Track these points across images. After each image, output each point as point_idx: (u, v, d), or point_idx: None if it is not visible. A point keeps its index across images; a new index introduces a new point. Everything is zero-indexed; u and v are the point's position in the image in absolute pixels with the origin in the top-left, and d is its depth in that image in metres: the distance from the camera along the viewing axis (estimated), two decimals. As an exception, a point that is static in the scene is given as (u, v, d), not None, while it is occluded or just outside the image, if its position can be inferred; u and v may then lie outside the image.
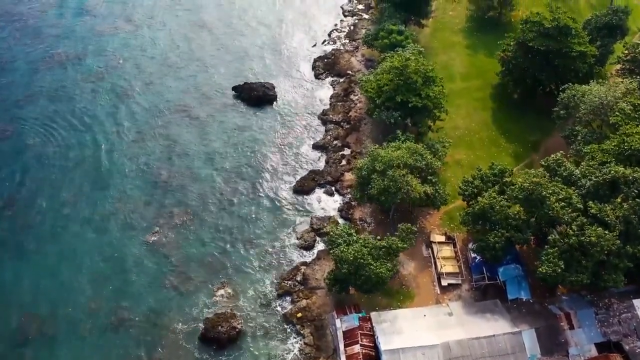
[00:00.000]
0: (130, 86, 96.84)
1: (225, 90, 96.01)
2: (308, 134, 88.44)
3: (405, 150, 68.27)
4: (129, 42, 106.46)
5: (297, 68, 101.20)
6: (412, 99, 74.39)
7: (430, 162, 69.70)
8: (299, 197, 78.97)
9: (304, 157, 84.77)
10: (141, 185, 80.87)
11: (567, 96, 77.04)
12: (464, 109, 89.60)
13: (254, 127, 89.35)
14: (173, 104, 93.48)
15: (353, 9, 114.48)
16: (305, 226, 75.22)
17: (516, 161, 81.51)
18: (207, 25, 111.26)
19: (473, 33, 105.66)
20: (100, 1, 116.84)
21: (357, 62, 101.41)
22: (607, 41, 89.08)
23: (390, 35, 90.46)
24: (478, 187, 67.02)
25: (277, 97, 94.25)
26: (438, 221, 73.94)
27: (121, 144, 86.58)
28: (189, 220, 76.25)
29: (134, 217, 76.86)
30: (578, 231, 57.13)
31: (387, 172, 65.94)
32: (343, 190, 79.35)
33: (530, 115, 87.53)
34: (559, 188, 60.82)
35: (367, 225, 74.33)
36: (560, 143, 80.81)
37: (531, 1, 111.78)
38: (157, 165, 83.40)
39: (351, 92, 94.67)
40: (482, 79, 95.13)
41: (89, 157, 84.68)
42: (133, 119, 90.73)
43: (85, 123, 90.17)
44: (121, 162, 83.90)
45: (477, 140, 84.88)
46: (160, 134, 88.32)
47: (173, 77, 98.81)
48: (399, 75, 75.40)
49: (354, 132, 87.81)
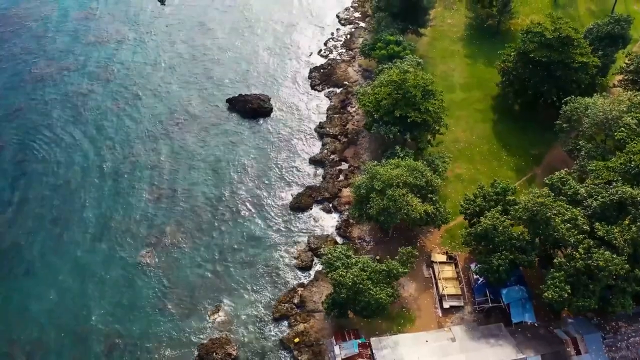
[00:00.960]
0: (121, 100, 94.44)
1: (219, 103, 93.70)
2: (304, 148, 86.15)
3: (404, 168, 66.17)
4: (119, 53, 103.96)
5: (292, 79, 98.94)
6: (411, 113, 72.29)
7: (431, 180, 67.63)
8: (295, 215, 76.73)
9: (301, 173, 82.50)
10: (133, 202, 78.53)
11: (570, 109, 75.16)
12: (464, 120, 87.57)
13: (249, 141, 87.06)
14: (165, 117, 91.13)
15: (349, 17, 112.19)
16: (302, 245, 73.03)
17: (518, 175, 79.56)
18: (200, 36, 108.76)
19: (472, 42, 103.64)
20: (91, 11, 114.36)
21: (354, 72, 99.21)
22: (609, 51, 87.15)
23: (387, 45, 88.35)
24: (480, 205, 64.94)
25: (272, 109, 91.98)
26: (439, 239, 71.85)
27: (112, 161, 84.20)
28: (181, 239, 74.08)
29: (125, 236, 74.66)
30: (585, 254, 55.07)
31: (387, 192, 63.85)
32: (341, 207, 77.14)
33: (532, 128, 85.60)
34: (564, 208, 58.76)
35: (366, 244, 72.18)
36: (562, 156, 79.10)
37: (530, 9, 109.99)
38: (149, 182, 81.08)
39: (348, 104, 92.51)
40: (482, 90, 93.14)
41: (78, 174, 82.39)
42: (124, 134, 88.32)
43: (76, 138, 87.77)
44: (112, 179, 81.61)
45: (477, 154, 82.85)
46: (152, 149, 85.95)
47: (165, 90, 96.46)
48: (398, 89, 73.26)
49: (352, 145, 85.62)
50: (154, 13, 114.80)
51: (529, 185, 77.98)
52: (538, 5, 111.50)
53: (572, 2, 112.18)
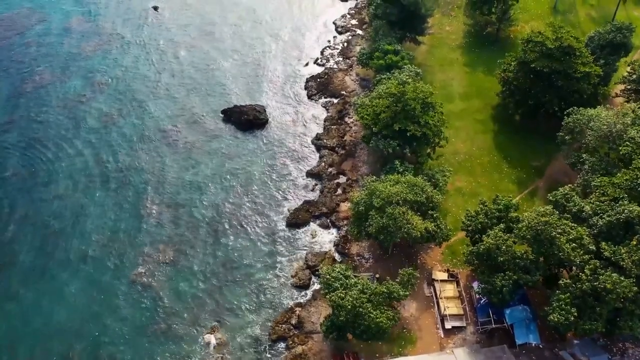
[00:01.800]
0: (114, 110, 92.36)
1: (214, 114, 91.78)
2: (301, 161, 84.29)
3: (404, 184, 64.37)
4: (112, 62, 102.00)
5: (288, 89, 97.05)
6: (411, 127, 70.50)
7: (431, 196, 65.83)
8: (292, 231, 74.82)
9: (298, 186, 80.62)
10: (125, 219, 76.46)
11: (572, 121, 73.50)
12: (463, 131, 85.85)
13: (245, 154, 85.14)
14: (159, 129, 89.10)
15: (346, 25, 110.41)
16: (299, 263, 71.14)
17: (519, 188, 77.87)
18: (194, 44, 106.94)
19: (471, 49, 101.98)
20: (83, 19, 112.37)
21: (352, 81, 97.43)
22: (611, 59, 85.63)
23: (385, 55, 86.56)
24: (482, 222, 63.18)
25: (268, 120, 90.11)
26: (439, 256, 70.08)
27: (103, 175, 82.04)
28: (175, 257, 72.00)
29: (118, 254, 72.44)
30: (591, 276, 53.37)
31: (386, 209, 62.02)
32: (339, 222, 75.30)
33: (533, 138, 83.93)
34: (569, 227, 57.03)
35: (365, 261, 70.37)
36: (564, 168, 77.49)
37: (530, 15, 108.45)
38: (142, 198, 78.99)
39: (346, 115, 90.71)
40: (481, 99, 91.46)
41: (69, 189, 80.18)
42: (117, 147, 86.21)
43: (67, 151, 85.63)
44: (104, 195, 79.48)
45: (478, 166, 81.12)
46: (145, 162, 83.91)
47: (159, 100, 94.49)
48: (397, 101, 71.47)
49: (350, 158, 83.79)
50: (147, 21, 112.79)
51: (530, 198, 76.52)
52: (537, 11, 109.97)
53: (571, 9, 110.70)
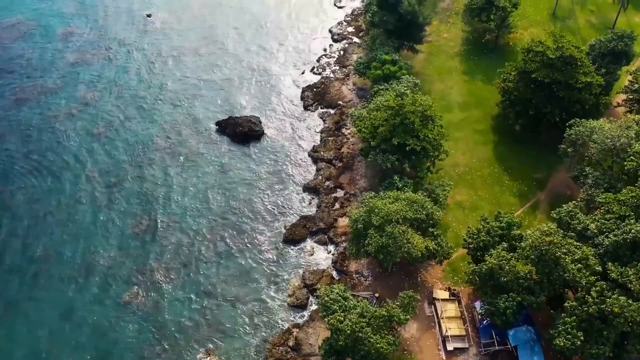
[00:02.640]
0: (105, 123, 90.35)
1: (209, 126, 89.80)
2: (298, 174, 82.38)
3: (404, 201, 62.56)
4: (104, 72, 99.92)
5: (284, 99, 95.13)
6: (410, 141, 68.71)
7: (432, 213, 64.06)
8: (289, 248, 72.93)
9: (294, 201, 78.71)
10: (117, 236, 74.46)
11: (575, 133, 71.92)
12: (463, 142, 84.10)
13: (240, 168, 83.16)
14: (152, 142, 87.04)
15: (342, 32, 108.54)
16: (296, 281, 69.26)
17: (521, 201, 76.20)
18: (187, 53, 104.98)
19: (469, 57, 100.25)
20: (74, 28, 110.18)
21: (349, 91, 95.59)
22: (612, 68, 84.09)
23: (383, 65, 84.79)
24: (484, 241, 61.43)
25: (264, 132, 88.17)
26: (440, 273, 68.31)
27: (95, 190, 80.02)
28: (167, 277, 70.07)
29: (110, 273, 70.61)
30: (598, 298, 51.69)
31: (386, 228, 60.22)
32: (337, 238, 73.46)
33: (534, 149, 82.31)
34: (574, 246, 55.36)
35: (364, 279, 68.55)
36: (566, 181, 75.94)
37: (529, 22, 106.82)
38: (134, 214, 77.01)
39: (343, 126, 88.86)
40: (481, 109, 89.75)
41: (58, 206, 78.14)
42: (108, 161, 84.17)
43: (58, 166, 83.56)
44: (95, 211, 77.45)
45: (478, 179, 79.39)
46: (138, 177, 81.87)
47: (151, 111, 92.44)
48: (395, 115, 69.69)
49: (347, 170, 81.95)
50: (140, 29, 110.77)
51: (532, 212, 74.86)
52: (536, 18, 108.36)
53: (571, 15, 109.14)
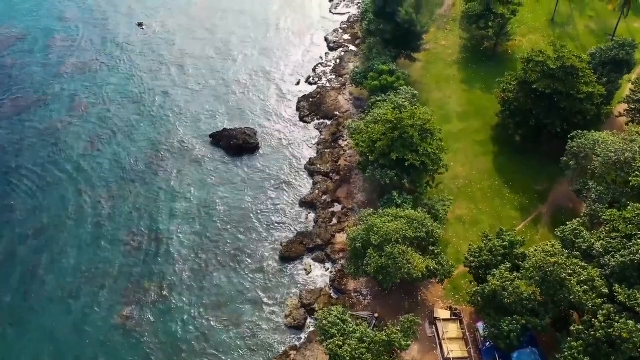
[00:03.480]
0: (96, 136, 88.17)
1: (202, 139, 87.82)
2: (294, 188, 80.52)
3: (404, 220, 60.81)
4: (95, 84, 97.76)
5: (280, 110, 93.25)
6: (409, 156, 66.93)
7: (432, 230, 62.34)
8: (286, 266, 71.04)
9: (291, 217, 76.82)
10: (109, 254, 72.44)
11: (577, 145, 70.35)
12: (462, 154, 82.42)
13: (234, 181, 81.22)
14: (143, 156, 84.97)
15: (338, 40, 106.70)
16: (293, 301, 67.37)
17: (522, 215, 74.52)
18: (180, 63, 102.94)
19: (468, 65, 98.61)
20: (65, 38, 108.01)
21: (345, 101, 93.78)
22: (613, 77, 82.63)
23: (380, 76, 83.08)
24: (486, 260, 59.73)
25: (259, 144, 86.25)
26: (441, 292, 66.56)
27: (85, 206, 77.91)
28: (161, 296, 68.10)
29: (102, 293, 68.56)
30: (605, 322, 50.04)
31: (385, 248, 58.46)
32: (334, 255, 71.61)
33: (535, 160, 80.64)
34: (579, 267, 53.76)
35: (363, 298, 66.75)
36: (568, 193, 74.39)
37: (527, 28, 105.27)
38: (127, 230, 74.97)
39: (340, 137, 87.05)
40: (480, 119, 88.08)
41: (48, 222, 75.98)
42: (100, 176, 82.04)
43: (48, 182, 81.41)
44: (86, 227, 75.38)
45: (478, 191, 77.71)
46: (130, 192, 79.80)
47: (143, 124, 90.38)
48: (393, 129, 67.94)
49: (345, 184, 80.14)
50: (132, 38, 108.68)
51: (534, 226, 73.23)
52: (535, 24, 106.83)
53: (570, 21, 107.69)
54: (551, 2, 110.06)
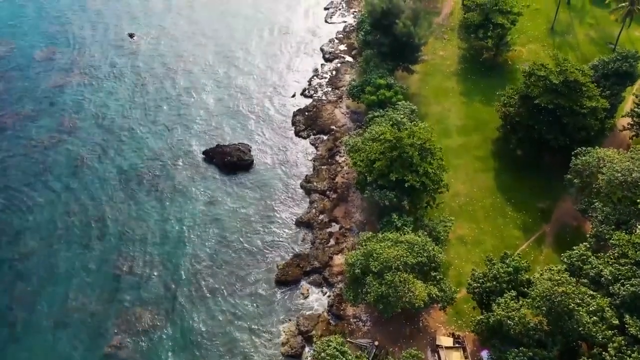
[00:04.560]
0: (85, 153, 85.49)
1: (195, 155, 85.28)
2: (290, 207, 78.06)
3: (404, 246, 58.50)
4: (84, 98, 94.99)
5: (275, 124, 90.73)
6: (409, 176, 64.65)
7: (433, 255, 60.06)
8: (282, 290, 68.60)
9: (286, 237, 74.38)
10: (99, 279, 69.83)
11: (581, 163, 68.34)
12: (463, 170, 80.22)
13: (228, 201, 78.67)
14: (134, 174, 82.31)
15: (334, 51, 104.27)
16: (290, 328, 64.92)
17: (525, 235, 72.36)
18: (172, 76, 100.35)
19: (467, 76, 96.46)
20: (54, 50, 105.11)
21: (342, 114, 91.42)
22: (616, 89, 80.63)
23: (378, 90, 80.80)
24: (491, 287, 57.50)
25: (253, 161, 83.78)
26: (443, 317, 64.27)
27: (75, 228, 75.26)
28: (153, 323, 65.52)
29: (92, 321, 65.97)
30: (616, 355, 47.93)
31: (385, 276, 56.16)
32: (332, 278, 69.26)
33: (537, 176, 78.55)
34: (588, 296, 51.62)
35: (363, 325, 64.43)
36: (572, 211, 72.44)
37: (527, 38, 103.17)
38: (116, 254, 72.30)
39: (336, 153, 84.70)
40: (480, 133, 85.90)
41: (39, 246, 73.26)
42: (89, 196, 79.33)
43: (36, 202, 78.67)
44: (75, 251, 72.69)
45: (480, 210, 75.53)
46: (120, 213, 77.11)
47: (134, 141, 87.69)
48: (392, 148, 65.64)
49: (342, 203, 77.79)
50: (122, 50, 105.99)
51: (538, 246, 71.13)
52: (534, 33, 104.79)
53: (570, 29, 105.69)
54: (551, 10, 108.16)
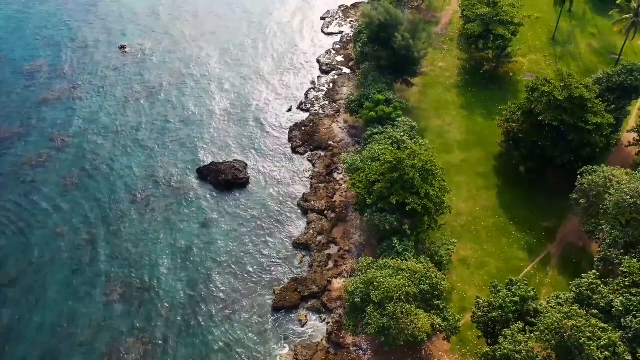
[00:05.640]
0: (75, 172, 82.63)
1: (189, 173, 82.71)
2: (287, 228, 75.61)
3: (406, 275, 56.13)
4: (75, 113, 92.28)
5: (271, 140, 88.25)
6: (410, 199, 62.30)
7: (437, 282, 57.71)
8: (279, 317, 66.06)
9: (283, 260, 71.91)
10: (89, 306, 66.98)
11: (587, 182, 66.17)
12: (465, 188, 77.97)
13: (223, 222, 76.13)
14: (126, 194, 79.66)
15: (331, 62, 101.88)
16: (288, 357, 62.49)
17: (530, 256, 70.14)
18: (165, 89, 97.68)
19: (467, 88, 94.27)
20: (42, 63, 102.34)
21: (340, 129, 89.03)
22: (621, 103, 78.61)
23: (376, 106, 78.47)
24: (496, 317, 55.18)
25: (249, 179, 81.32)
26: (447, 345, 61.92)
27: (65, 251, 72.48)
28: (146, 354, 62.80)
29: (82, 351, 63.10)
30: (630, 394, 45.75)
31: (387, 307, 53.78)
32: (331, 303, 66.81)
33: (541, 193, 76.55)
34: (599, 329, 49.28)
35: (363, 354, 62.06)
36: (578, 231, 70.35)
37: (527, 48, 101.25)
38: (108, 280, 69.44)
39: (335, 170, 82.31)
40: (482, 148, 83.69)
41: (27, 270, 70.32)
42: (79, 216, 76.55)
43: (24, 223, 75.76)
44: (65, 276, 69.84)
45: (483, 230, 73.29)
46: (111, 234, 74.32)
47: (126, 158, 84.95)
48: (393, 170, 63.30)
49: (341, 223, 75.40)
50: (113, 63, 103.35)
51: (543, 267, 68.92)
52: (535, 43, 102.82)
53: (571, 39, 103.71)
54: (551, 19, 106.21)
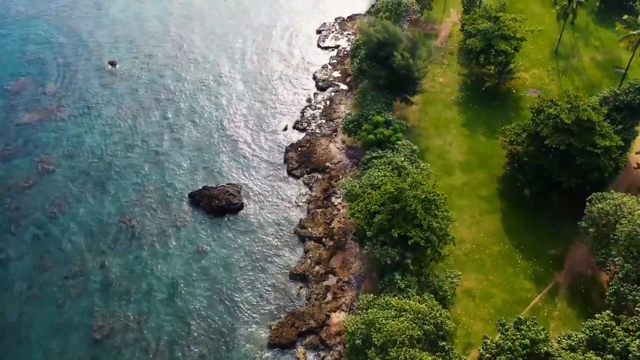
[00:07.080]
0: (62, 197, 79.20)
1: (180, 199, 79.34)
2: (283, 257, 72.41)
3: (409, 316, 52.98)
4: (62, 135, 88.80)
5: (266, 162, 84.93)
6: (412, 232, 59.15)
7: (441, 322, 54.59)
8: (275, 354, 62.85)
9: (280, 292, 68.71)
10: (76, 346, 63.59)
11: (597, 210, 63.29)
12: (468, 213, 74.97)
13: (216, 251, 72.88)
14: (115, 221, 76.22)
15: (328, 78, 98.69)
16: (285, 400, 59.64)
17: (537, 286, 67.12)
18: (156, 107, 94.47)
19: (469, 106, 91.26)
20: (27, 82, 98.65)
21: (337, 150, 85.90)
22: (629, 123, 75.78)
23: (375, 128, 75.37)
24: (505, 360, 52.17)
25: (243, 204, 78.06)
26: (452, 386, 58.96)
27: (51, 284, 69.12)
28: (136, 396, 59.97)
29: (67, 392, 60.26)
30: None
31: (390, 352, 50.61)
32: (330, 340, 63.59)
33: (548, 219, 73.64)
34: (615, 378, 46.52)
35: (364, 395, 58.96)
36: (587, 259, 67.42)
37: (530, 62, 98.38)
38: (96, 314, 66.20)
39: (332, 194, 79.18)
40: (485, 169, 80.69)
41: (12, 304, 67.08)
42: (65, 246, 73.07)
43: (7, 254, 72.33)
44: (51, 311, 66.55)
45: (487, 258, 70.27)
46: (99, 265, 70.95)
47: (114, 182, 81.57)
48: (394, 200, 60.20)
49: (339, 251, 72.25)
50: (102, 80, 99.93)
51: (551, 299, 65.99)
52: (538, 57, 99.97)
53: (574, 52, 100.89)
54: (554, 31, 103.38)
